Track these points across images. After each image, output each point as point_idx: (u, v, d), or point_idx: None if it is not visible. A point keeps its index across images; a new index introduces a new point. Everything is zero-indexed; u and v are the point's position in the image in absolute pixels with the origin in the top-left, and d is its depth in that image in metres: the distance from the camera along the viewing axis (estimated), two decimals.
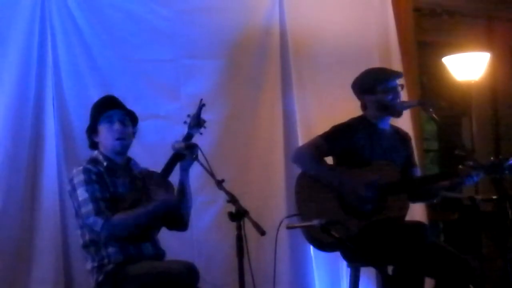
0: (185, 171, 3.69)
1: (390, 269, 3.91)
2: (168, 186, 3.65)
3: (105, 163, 3.59)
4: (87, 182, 3.50)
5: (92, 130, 3.66)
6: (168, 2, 4.90)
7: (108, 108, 3.64)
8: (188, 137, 3.62)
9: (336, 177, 3.91)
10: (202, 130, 3.68)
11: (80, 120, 4.49)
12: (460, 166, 3.88)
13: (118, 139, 3.61)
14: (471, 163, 3.86)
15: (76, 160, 4.41)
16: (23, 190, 4.35)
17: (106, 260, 3.47)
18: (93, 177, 3.52)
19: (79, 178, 3.52)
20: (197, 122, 3.65)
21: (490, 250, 5.88)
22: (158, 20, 4.85)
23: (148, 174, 3.70)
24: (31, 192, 4.38)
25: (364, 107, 4.11)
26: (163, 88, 4.81)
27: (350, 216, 3.83)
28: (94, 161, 3.61)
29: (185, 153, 3.58)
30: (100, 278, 3.47)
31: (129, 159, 3.72)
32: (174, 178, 3.72)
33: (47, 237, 4.35)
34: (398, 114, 4.06)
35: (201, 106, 3.67)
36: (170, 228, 3.76)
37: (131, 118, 3.69)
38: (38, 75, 4.45)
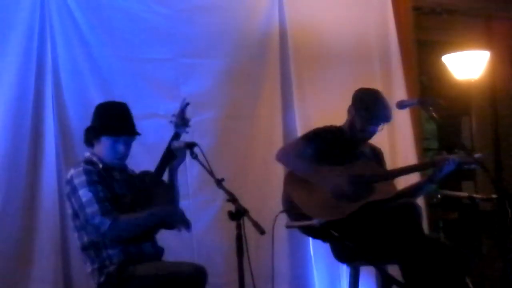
0: (174, 171, 3.70)
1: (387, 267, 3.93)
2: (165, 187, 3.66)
3: (100, 165, 3.59)
4: (90, 183, 3.47)
5: (93, 134, 3.64)
6: (168, 2, 4.90)
7: (116, 132, 3.60)
8: (176, 136, 3.63)
9: (319, 177, 3.97)
10: (188, 129, 3.69)
11: (80, 119, 4.49)
12: (434, 157, 3.99)
13: (119, 159, 3.62)
14: (444, 152, 4.04)
15: (75, 159, 4.41)
16: (23, 190, 4.34)
17: (107, 262, 3.46)
18: (95, 177, 3.50)
19: (80, 179, 3.49)
20: (182, 121, 3.64)
21: (489, 249, 5.89)
22: (158, 19, 4.85)
23: (142, 174, 3.71)
24: (31, 192, 4.37)
25: (348, 112, 4.15)
26: (162, 87, 4.81)
27: (342, 201, 3.87)
28: (90, 162, 3.59)
29: (180, 151, 3.57)
30: (102, 279, 3.45)
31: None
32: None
33: (47, 237, 4.34)
34: (360, 140, 4.14)
35: (185, 105, 3.67)
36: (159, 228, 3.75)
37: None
38: (37, 75, 4.44)
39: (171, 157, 3.63)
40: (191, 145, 3.58)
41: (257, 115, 5.09)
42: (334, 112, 4.58)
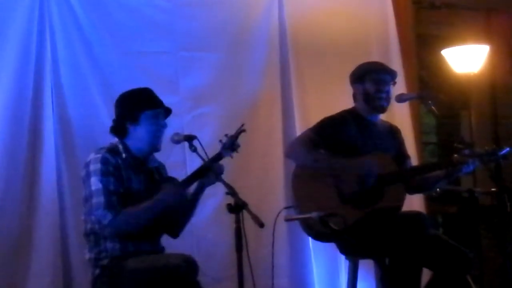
0: (201, 188, 3.68)
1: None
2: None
3: (124, 155, 3.56)
4: (103, 173, 3.45)
5: (130, 118, 3.60)
6: None
7: (156, 104, 3.63)
8: (218, 157, 3.60)
9: (333, 161, 3.93)
10: (234, 154, 3.66)
11: (79, 116, 4.52)
12: (454, 156, 3.89)
13: (159, 136, 3.62)
14: (466, 151, 3.86)
15: (75, 157, 4.41)
16: (22, 187, 4.34)
17: (103, 254, 3.46)
18: (110, 168, 3.47)
19: (95, 166, 3.47)
20: (231, 145, 3.62)
21: (489, 243, 5.89)
22: (157, 13, 4.85)
23: (167, 179, 3.70)
24: (30, 189, 4.36)
25: (354, 97, 4.13)
26: (162, 81, 4.80)
27: (347, 206, 3.84)
28: (113, 150, 3.55)
29: (215, 172, 3.54)
30: (97, 271, 3.47)
31: (148, 156, 3.69)
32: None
33: (46, 234, 4.34)
34: (380, 109, 4.06)
35: (241, 131, 3.65)
36: (163, 231, 3.73)
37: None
38: (36, 71, 4.44)
39: (204, 175, 3.60)
40: (190, 138, 3.57)
41: (257, 110, 5.09)
42: (333, 107, 4.57)
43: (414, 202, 5.02)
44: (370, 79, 4.04)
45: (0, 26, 4.40)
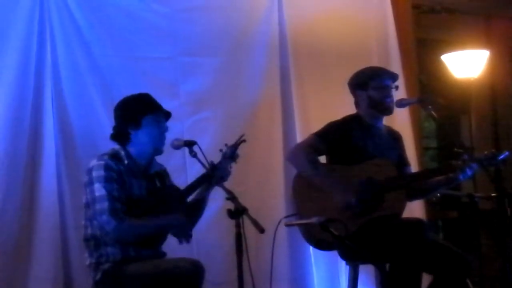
0: (207, 192, 3.70)
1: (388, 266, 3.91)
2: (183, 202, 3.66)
3: (126, 162, 3.55)
4: (107, 179, 3.44)
5: (132, 123, 3.59)
6: (167, 0, 4.90)
7: (157, 108, 3.64)
8: (218, 166, 3.63)
9: (328, 181, 3.92)
10: (233, 164, 3.69)
11: (79, 118, 4.51)
12: (453, 162, 3.88)
13: (162, 139, 3.63)
14: (465, 157, 3.86)
15: (75, 159, 4.41)
16: (22, 189, 4.33)
17: (104, 258, 3.45)
18: (114, 175, 3.46)
19: (99, 172, 3.46)
20: (231, 155, 3.64)
21: (489, 248, 5.89)
22: (157, 18, 4.85)
23: (170, 187, 3.71)
24: (30, 191, 4.36)
25: (357, 104, 4.12)
26: (162, 86, 4.80)
27: (348, 212, 3.83)
28: (115, 156, 3.54)
29: (226, 173, 3.61)
30: (98, 276, 3.45)
31: (151, 161, 3.70)
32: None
33: (46, 236, 4.33)
34: (388, 111, 4.07)
35: (241, 141, 3.68)
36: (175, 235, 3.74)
37: None
38: (37, 74, 4.43)
39: (207, 180, 3.63)
40: (190, 144, 3.58)
41: (257, 114, 5.08)
42: (333, 110, 4.58)
43: (414, 207, 5.02)
44: (374, 86, 4.03)
45: (1, 30, 4.40)
